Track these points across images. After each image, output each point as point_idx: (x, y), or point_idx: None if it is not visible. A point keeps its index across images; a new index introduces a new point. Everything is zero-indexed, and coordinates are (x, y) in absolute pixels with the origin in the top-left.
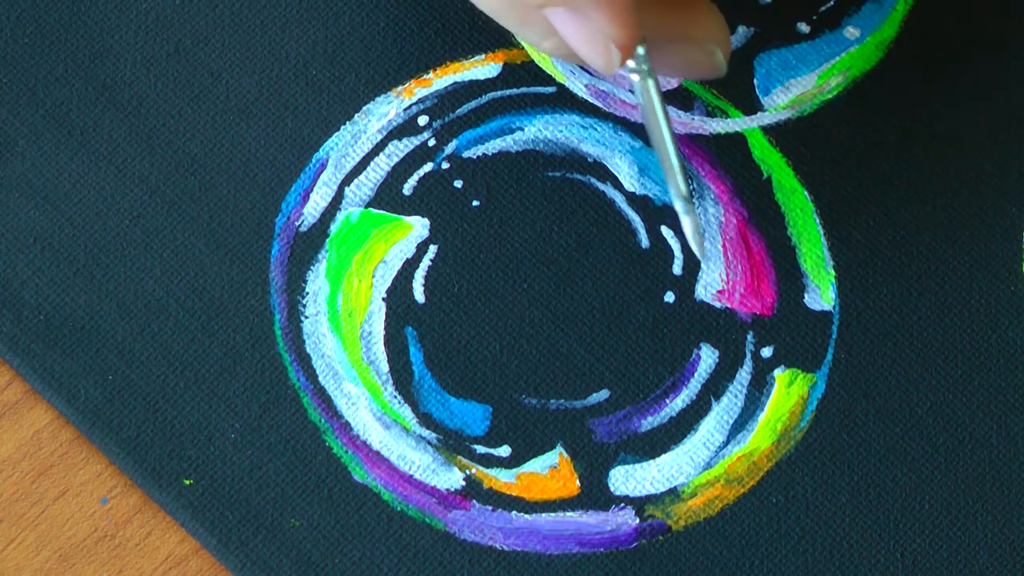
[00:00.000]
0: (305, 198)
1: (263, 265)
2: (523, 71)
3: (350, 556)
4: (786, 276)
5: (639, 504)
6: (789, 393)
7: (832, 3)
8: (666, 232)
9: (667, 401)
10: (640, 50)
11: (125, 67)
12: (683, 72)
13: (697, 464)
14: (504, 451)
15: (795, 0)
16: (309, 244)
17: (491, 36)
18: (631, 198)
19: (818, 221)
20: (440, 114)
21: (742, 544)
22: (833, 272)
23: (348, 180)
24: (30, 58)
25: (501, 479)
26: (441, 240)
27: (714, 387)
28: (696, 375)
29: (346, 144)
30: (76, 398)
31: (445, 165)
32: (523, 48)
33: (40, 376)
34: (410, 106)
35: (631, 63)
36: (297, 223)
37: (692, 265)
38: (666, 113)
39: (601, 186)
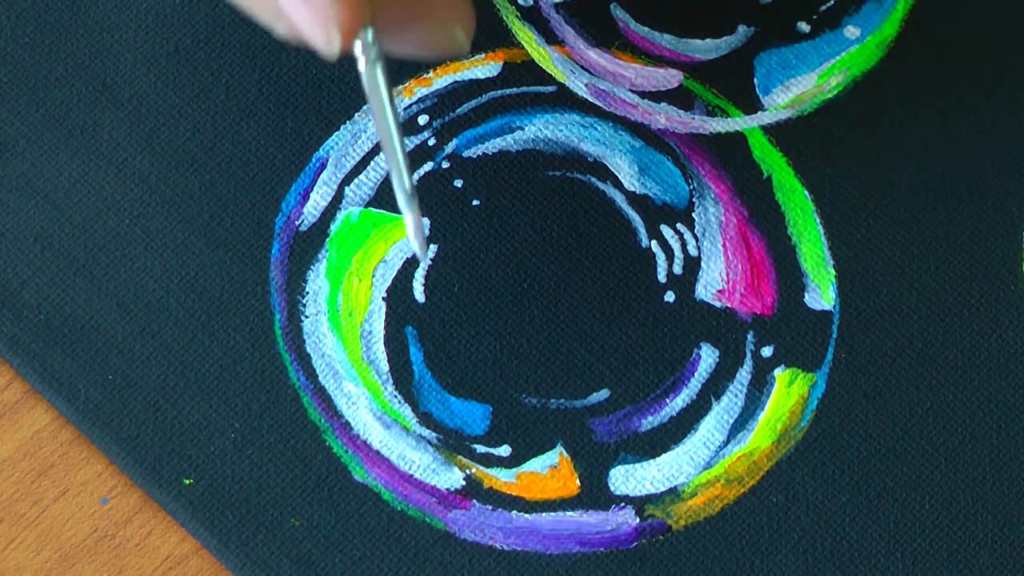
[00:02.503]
0: (305, 197)
1: (263, 265)
2: (523, 70)
3: (350, 556)
4: (786, 276)
5: (639, 504)
6: (789, 393)
7: (832, 3)
8: (666, 232)
9: (667, 401)
10: (368, 34)
11: (125, 67)
12: (423, 53)
13: (697, 464)
14: (504, 451)
15: (795, 0)
16: (309, 244)
17: (491, 35)
18: (631, 198)
19: (818, 221)
20: (440, 113)
21: (742, 544)
22: (833, 272)
23: (348, 179)
24: (30, 58)
25: (501, 479)
26: (441, 240)
27: (714, 387)
28: (696, 375)
29: (346, 143)
30: (76, 398)
31: (445, 164)
32: (523, 47)
33: (40, 376)
34: (410, 105)
35: (358, 47)
36: (297, 222)
37: (692, 265)
38: (393, 103)
39: (601, 186)
